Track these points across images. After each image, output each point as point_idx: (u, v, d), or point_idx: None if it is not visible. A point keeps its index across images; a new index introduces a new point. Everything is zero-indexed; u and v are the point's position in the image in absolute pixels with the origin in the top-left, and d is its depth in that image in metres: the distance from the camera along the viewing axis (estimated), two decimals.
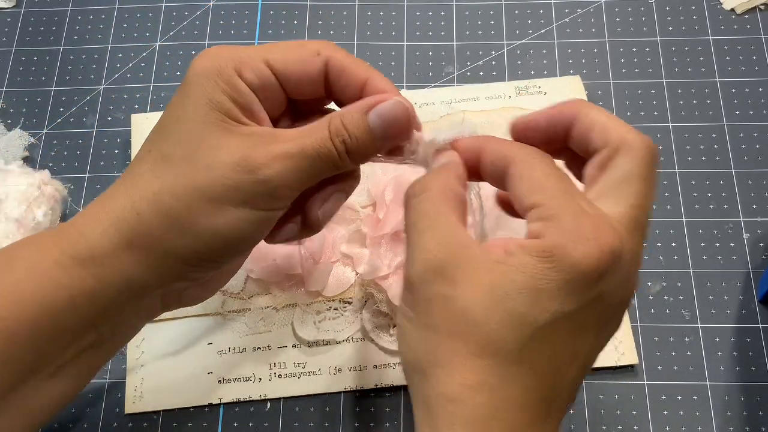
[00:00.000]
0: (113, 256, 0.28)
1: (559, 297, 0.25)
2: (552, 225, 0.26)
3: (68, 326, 0.28)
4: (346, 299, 0.43)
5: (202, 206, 0.28)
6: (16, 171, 0.42)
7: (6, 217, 0.40)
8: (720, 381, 0.41)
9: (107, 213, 0.29)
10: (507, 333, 0.25)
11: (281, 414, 0.41)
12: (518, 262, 0.25)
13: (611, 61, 0.50)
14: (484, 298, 0.25)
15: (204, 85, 0.29)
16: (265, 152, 0.28)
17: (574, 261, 0.25)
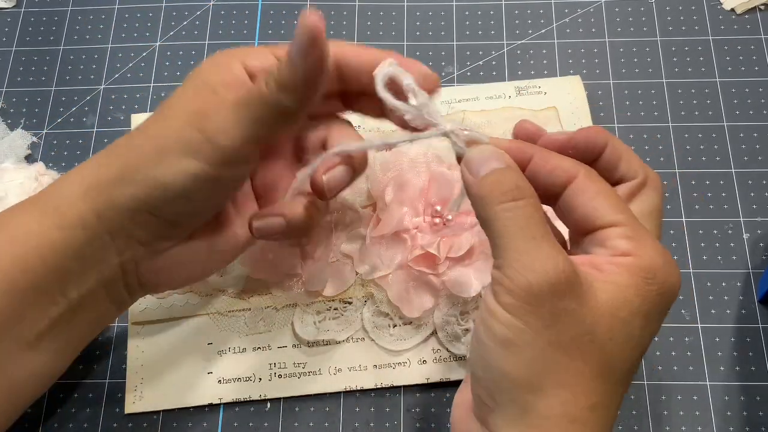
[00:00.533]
0: (72, 204, 0.30)
1: (659, 320, 0.27)
2: (645, 245, 0.27)
3: (38, 281, 0.29)
4: (346, 299, 0.43)
5: (151, 154, 0.29)
6: (11, 168, 0.43)
7: None
8: (720, 381, 0.41)
9: (80, 168, 0.31)
10: (625, 355, 0.26)
11: (281, 414, 0.41)
12: (629, 283, 0.26)
13: (611, 61, 0.50)
14: (608, 319, 0.26)
15: (199, 70, 0.31)
16: (216, 102, 0.29)
17: (671, 286, 0.27)
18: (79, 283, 0.30)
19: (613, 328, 0.26)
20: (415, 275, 0.41)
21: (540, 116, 0.47)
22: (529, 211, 0.27)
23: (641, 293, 0.26)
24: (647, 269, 0.26)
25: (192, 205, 0.31)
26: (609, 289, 0.26)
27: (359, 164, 0.34)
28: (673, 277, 0.27)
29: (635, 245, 0.27)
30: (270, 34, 0.52)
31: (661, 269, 0.26)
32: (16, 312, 0.29)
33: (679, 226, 0.45)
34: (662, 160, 0.47)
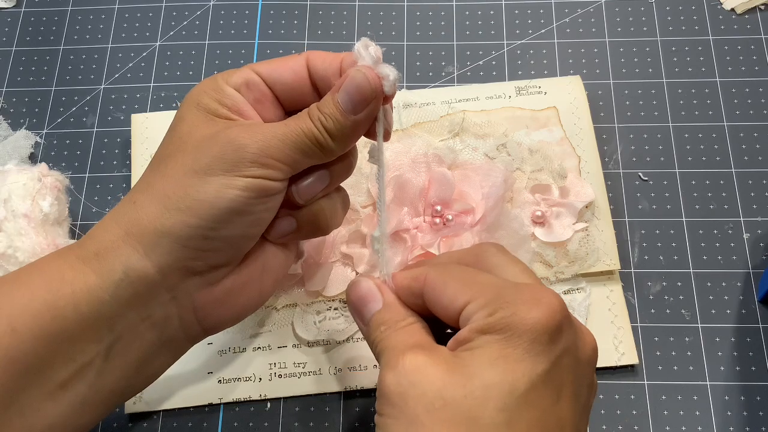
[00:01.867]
0: (112, 248, 0.29)
1: (529, 358, 0.26)
2: (495, 306, 0.27)
3: (69, 328, 0.28)
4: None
5: (190, 180, 0.29)
6: (13, 169, 0.43)
7: (14, 214, 0.40)
8: (720, 381, 0.41)
9: (112, 213, 0.30)
10: (490, 404, 0.25)
11: (281, 414, 0.41)
12: (479, 343, 0.27)
13: (611, 61, 0.50)
14: (458, 377, 0.26)
15: (194, 95, 0.32)
16: (248, 129, 0.30)
17: (530, 323, 0.26)
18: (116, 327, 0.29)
19: (465, 384, 0.26)
20: None
21: (540, 116, 0.47)
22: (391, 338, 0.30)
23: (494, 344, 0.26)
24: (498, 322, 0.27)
25: (240, 222, 0.30)
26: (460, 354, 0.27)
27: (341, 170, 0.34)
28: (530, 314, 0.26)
29: (489, 310, 0.27)
30: (270, 34, 0.52)
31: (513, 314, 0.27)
32: (42, 359, 0.28)
33: (679, 226, 0.45)
34: (662, 160, 0.47)
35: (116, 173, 0.48)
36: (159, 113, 0.49)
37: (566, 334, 0.27)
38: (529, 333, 0.26)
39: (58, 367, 0.28)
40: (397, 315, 0.31)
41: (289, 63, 0.32)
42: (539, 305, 0.27)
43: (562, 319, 0.27)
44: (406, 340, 0.29)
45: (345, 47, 0.51)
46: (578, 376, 0.28)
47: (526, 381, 0.26)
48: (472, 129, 0.46)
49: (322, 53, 0.33)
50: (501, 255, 0.32)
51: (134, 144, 0.47)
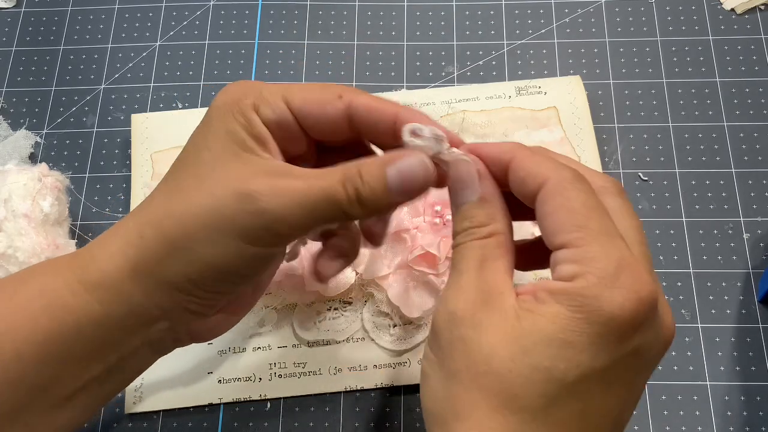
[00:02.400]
0: (117, 282, 0.28)
1: (590, 351, 0.24)
2: (588, 270, 0.24)
3: (75, 353, 0.28)
4: (346, 299, 0.43)
5: (198, 232, 0.27)
6: (14, 169, 0.43)
7: (14, 214, 0.40)
8: (720, 381, 0.41)
9: (117, 237, 0.29)
10: (532, 388, 0.24)
11: (281, 414, 0.41)
12: (549, 311, 0.24)
13: (611, 61, 0.50)
14: (510, 347, 0.24)
15: (222, 117, 0.29)
16: (270, 183, 0.27)
17: (608, 313, 0.24)
18: (120, 350, 0.29)
19: (514, 358, 0.24)
20: (416, 275, 0.41)
21: (540, 116, 0.47)
22: (467, 249, 0.27)
23: (559, 321, 0.24)
24: (575, 296, 0.24)
25: (242, 279, 0.30)
26: (524, 317, 0.25)
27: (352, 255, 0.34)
28: (613, 305, 0.24)
29: (580, 269, 0.24)
30: (270, 34, 0.52)
31: (596, 296, 0.24)
32: (48, 380, 0.28)
33: (679, 226, 0.45)
34: (662, 160, 0.47)
35: (116, 173, 0.48)
36: (159, 113, 0.49)
37: (643, 334, 0.25)
38: (600, 326, 0.24)
39: (63, 386, 0.28)
40: (485, 215, 0.27)
41: (328, 109, 0.29)
42: (627, 299, 0.24)
43: (645, 318, 0.24)
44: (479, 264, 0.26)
45: (345, 47, 0.51)
46: (641, 374, 0.26)
47: (578, 373, 0.24)
48: (472, 129, 0.46)
49: (370, 100, 0.29)
50: (620, 199, 0.28)
51: (134, 144, 0.47)
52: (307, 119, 0.29)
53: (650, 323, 0.25)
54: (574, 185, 0.26)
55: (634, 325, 0.24)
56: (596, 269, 0.24)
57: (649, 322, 0.25)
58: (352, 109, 0.29)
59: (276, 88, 0.29)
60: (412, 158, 0.28)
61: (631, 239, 0.26)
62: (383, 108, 0.29)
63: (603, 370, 0.24)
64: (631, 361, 0.25)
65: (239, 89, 0.29)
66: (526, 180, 0.27)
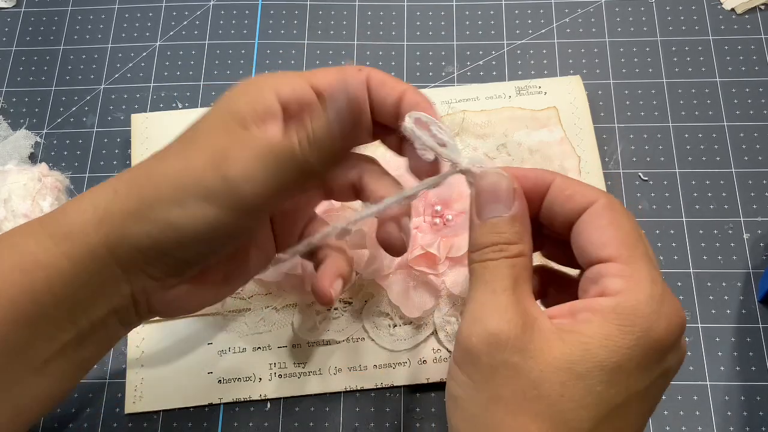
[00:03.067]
0: (82, 233, 0.28)
1: (636, 374, 0.24)
2: (637, 288, 0.25)
3: (47, 312, 0.28)
4: (346, 299, 0.43)
5: (167, 191, 0.28)
6: (14, 169, 0.43)
7: (14, 214, 0.40)
8: (720, 381, 0.41)
9: (91, 194, 0.29)
10: (583, 412, 0.24)
11: (281, 414, 0.41)
12: (597, 333, 0.24)
13: (611, 61, 0.50)
14: (560, 372, 0.24)
15: (232, 94, 0.30)
16: (240, 147, 0.28)
17: (656, 336, 0.24)
18: (88, 312, 0.29)
19: (566, 383, 0.24)
20: (415, 275, 0.41)
21: (540, 116, 0.47)
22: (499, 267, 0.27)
23: (610, 344, 0.24)
24: (626, 315, 0.24)
25: (205, 248, 0.29)
26: (570, 340, 0.24)
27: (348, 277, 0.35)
28: (659, 327, 0.24)
29: (625, 285, 0.25)
30: (270, 34, 0.52)
31: (644, 316, 0.24)
32: (24, 341, 0.28)
33: (679, 226, 0.45)
34: (662, 160, 0.47)
35: (116, 173, 0.48)
36: (159, 113, 0.49)
37: (673, 354, 0.26)
38: (648, 348, 0.24)
39: (40, 347, 0.29)
40: (515, 234, 0.27)
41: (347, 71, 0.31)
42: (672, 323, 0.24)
43: (678, 339, 0.25)
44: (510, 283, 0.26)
45: (345, 47, 0.51)
46: (661, 392, 0.27)
47: (625, 395, 0.24)
48: (472, 129, 0.46)
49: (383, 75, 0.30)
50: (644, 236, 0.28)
51: (134, 144, 0.47)
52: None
53: (678, 346, 0.26)
54: (623, 208, 0.27)
55: (670, 348, 0.25)
56: (645, 289, 0.25)
57: (678, 346, 0.26)
58: (370, 81, 0.30)
59: (298, 72, 0.31)
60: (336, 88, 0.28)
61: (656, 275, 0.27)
62: (393, 84, 0.30)
63: (643, 391, 0.25)
64: (661, 381, 0.26)
65: (259, 77, 0.31)
66: (574, 197, 0.27)
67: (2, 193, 0.41)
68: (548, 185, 0.28)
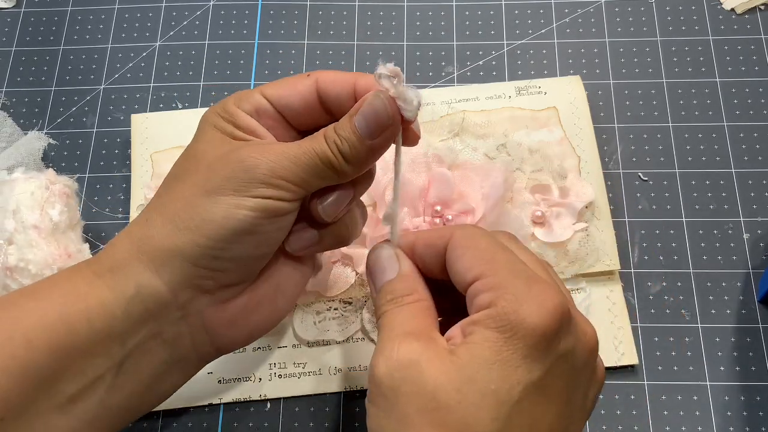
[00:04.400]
0: (124, 264, 0.29)
1: (525, 365, 0.26)
2: (502, 293, 0.27)
3: (82, 342, 0.28)
4: (346, 299, 0.43)
5: (200, 199, 0.29)
6: (21, 178, 0.42)
7: (23, 225, 0.40)
8: (720, 381, 0.41)
9: (127, 229, 0.30)
10: (483, 414, 0.25)
11: (281, 414, 0.41)
12: (480, 338, 0.26)
13: (611, 61, 0.50)
14: (453, 379, 0.25)
15: (209, 119, 0.32)
16: (260, 149, 0.29)
17: (530, 324, 0.26)
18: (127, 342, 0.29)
19: (460, 389, 0.25)
20: None
21: (540, 116, 0.47)
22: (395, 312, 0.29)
23: (492, 344, 0.26)
24: (499, 317, 0.26)
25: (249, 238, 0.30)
26: (460, 351, 0.26)
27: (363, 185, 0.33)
28: (532, 316, 0.26)
29: (495, 295, 0.27)
30: (270, 34, 0.52)
31: (516, 311, 0.26)
32: (53, 370, 0.28)
33: (679, 226, 0.45)
34: (662, 160, 0.47)
35: (116, 173, 0.48)
36: (159, 113, 0.49)
37: (564, 340, 0.27)
38: (528, 338, 0.26)
39: (68, 381, 0.28)
40: (406, 288, 0.30)
41: (299, 87, 0.32)
42: (543, 308, 0.26)
43: (562, 324, 0.27)
44: (407, 321, 0.29)
45: (345, 47, 0.51)
46: (572, 381, 0.28)
47: (521, 389, 0.25)
48: (472, 129, 0.46)
49: (333, 74, 0.32)
50: (514, 244, 0.31)
51: (134, 144, 0.47)
52: (281, 102, 0.32)
53: (568, 329, 0.27)
54: (476, 231, 0.30)
55: (555, 330, 0.26)
56: (510, 290, 0.27)
57: (567, 329, 0.27)
58: (320, 83, 0.31)
59: (254, 89, 0.32)
60: (369, 99, 0.29)
61: (534, 267, 0.29)
62: (344, 77, 0.31)
63: (540, 381, 0.26)
64: (560, 366, 0.27)
65: (223, 100, 0.32)
66: (432, 242, 0.30)
67: (10, 204, 0.41)
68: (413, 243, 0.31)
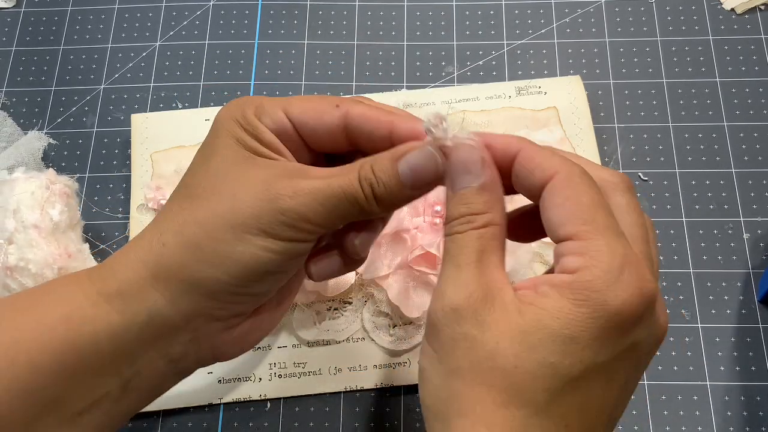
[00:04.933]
0: (137, 290, 0.28)
1: (593, 347, 0.24)
2: (593, 263, 0.24)
3: (90, 365, 0.28)
4: (346, 299, 0.43)
5: (224, 234, 0.27)
6: (21, 177, 0.42)
7: (24, 225, 0.40)
8: (720, 381, 0.41)
9: (136, 248, 0.29)
10: (537, 383, 0.24)
11: (281, 414, 0.41)
12: (552, 306, 0.24)
13: (611, 61, 0.50)
14: (514, 343, 0.24)
15: (229, 127, 0.29)
16: (289, 183, 0.28)
17: (612, 308, 0.24)
18: (136, 364, 0.29)
19: (519, 354, 0.24)
20: (416, 275, 0.41)
21: (540, 116, 0.47)
22: (465, 239, 0.27)
23: (563, 316, 0.24)
24: (580, 290, 0.24)
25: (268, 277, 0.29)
26: (526, 312, 0.25)
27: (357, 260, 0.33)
28: (617, 299, 0.24)
29: (584, 262, 0.25)
30: (270, 34, 0.52)
31: (599, 290, 0.24)
32: (61, 393, 0.27)
33: (679, 226, 0.45)
34: (662, 160, 0.47)
35: (116, 173, 0.48)
36: (159, 113, 0.49)
37: (639, 329, 0.25)
38: (604, 321, 0.24)
39: (76, 399, 0.28)
40: (485, 204, 0.27)
41: (325, 119, 0.29)
42: (629, 294, 0.24)
43: (643, 314, 0.25)
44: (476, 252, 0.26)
45: (345, 47, 0.51)
46: (634, 368, 0.27)
47: (582, 368, 0.24)
48: (472, 129, 0.46)
49: (365, 109, 0.29)
50: (629, 195, 0.28)
51: (134, 144, 0.47)
52: (305, 128, 0.30)
53: (648, 320, 0.25)
54: (583, 180, 0.26)
55: (634, 321, 0.24)
56: (601, 263, 0.24)
57: (647, 319, 0.25)
58: (349, 118, 0.29)
59: (276, 101, 0.30)
60: (421, 151, 0.28)
61: (634, 236, 0.26)
62: (378, 117, 0.29)
63: (604, 365, 0.24)
64: (628, 355, 0.25)
65: (241, 102, 0.30)
66: (535, 171, 0.27)
67: (11, 203, 0.41)
68: (515, 154, 0.28)
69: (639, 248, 0.26)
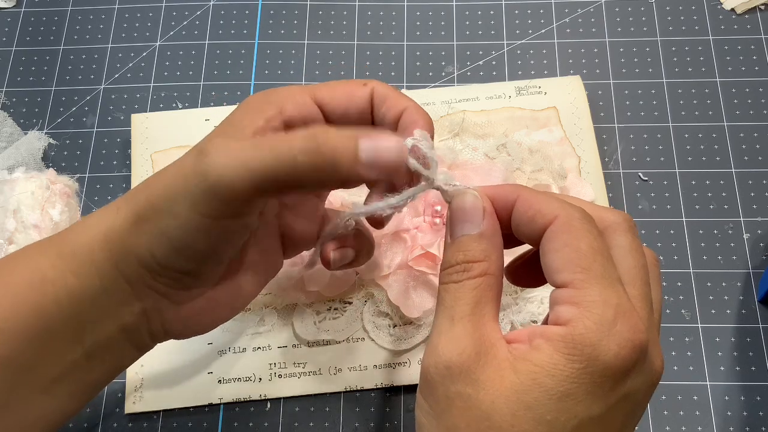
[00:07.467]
0: (89, 252, 0.28)
1: (587, 401, 0.24)
2: (585, 315, 0.24)
3: (55, 330, 0.28)
4: (346, 299, 0.43)
5: (161, 203, 0.27)
6: (21, 177, 0.42)
7: (24, 225, 0.40)
8: (720, 381, 0.41)
9: (99, 213, 0.29)
10: None
11: (281, 414, 0.41)
12: (547, 362, 0.24)
13: (611, 61, 0.50)
14: (510, 403, 0.24)
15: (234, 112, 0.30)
16: (223, 144, 0.26)
17: (604, 362, 0.24)
18: (96, 331, 0.29)
19: (516, 413, 0.24)
20: (416, 275, 0.41)
21: (540, 116, 0.47)
22: (461, 291, 0.27)
23: (558, 373, 0.24)
24: (573, 344, 0.24)
25: (202, 256, 0.28)
26: (521, 369, 0.24)
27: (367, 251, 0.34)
28: (608, 353, 0.24)
29: (575, 313, 0.24)
30: (270, 34, 0.52)
31: (591, 344, 0.24)
32: (32, 358, 0.28)
33: (679, 226, 0.45)
34: (662, 160, 0.47)
35: (116, 173, 0.48)
36: (159, 113, 0.49)
37: (633, 379, 0.25)
38: (597, 375, 0.24)
39: (48, 365, 0.28)
40: (481, 252, 0.27)
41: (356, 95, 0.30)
42: (621, 347, 0.24)
43: (636, 364, 0.25)
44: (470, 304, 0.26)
45: (345, 47, 0.51)
46: (631, 416, 0.26)
47: (576, 423, 0.24)
48: (472, 129, 0.46)
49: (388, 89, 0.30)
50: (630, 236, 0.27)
51: (134, 144, 0.47)
52: (336, 111, 0.30)
53: (640, 368, 0.25)
54: (582, 224, 0.26)
55: (625, 372, 0.24)
56: (594, 315, 0.24)
57: (639, 368, 0.25)
58: (374, 95, 0.30)
59: (302, 87, 0.30)
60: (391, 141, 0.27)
61: (634, 278, 0.26)
62: (395, 101, 0.30)
63: (600, 417, 0.24)
64: (622, 405, 0.25)
65: (266, 92, 0.30)
66: (535, 217, 0.27)
67: (11, 203, 0.41)
68: (513, 202, 0.28)
69: (638, 291, 0.26)
